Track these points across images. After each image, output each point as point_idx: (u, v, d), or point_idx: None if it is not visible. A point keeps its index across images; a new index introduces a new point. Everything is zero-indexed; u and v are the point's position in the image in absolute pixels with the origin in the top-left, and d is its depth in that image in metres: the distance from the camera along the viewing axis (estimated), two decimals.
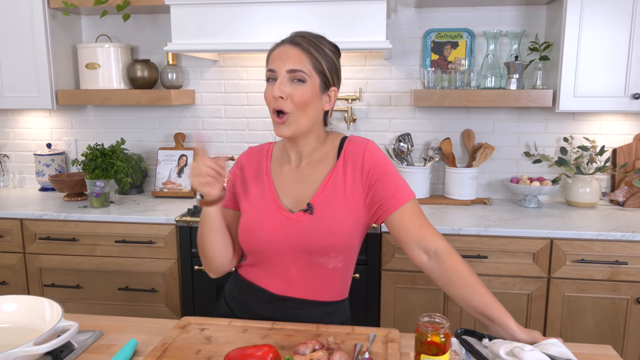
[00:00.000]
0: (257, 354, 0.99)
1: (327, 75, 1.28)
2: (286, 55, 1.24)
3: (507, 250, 2.19)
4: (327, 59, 1.27)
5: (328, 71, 1.28)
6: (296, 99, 1.23)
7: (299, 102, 1.24)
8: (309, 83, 1.25)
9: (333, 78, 1.30)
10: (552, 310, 2.19)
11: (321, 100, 1.29)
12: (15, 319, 1.14)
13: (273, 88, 1.25)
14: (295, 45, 1.25)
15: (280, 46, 1.28)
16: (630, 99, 2.31)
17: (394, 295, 2.29)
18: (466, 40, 2.64)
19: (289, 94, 1.23)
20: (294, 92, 1.23)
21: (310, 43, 1.26)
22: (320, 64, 1.26)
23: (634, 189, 2.55)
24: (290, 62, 1.23)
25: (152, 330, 1.26)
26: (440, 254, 1.25)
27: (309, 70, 1.24)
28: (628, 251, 2.12)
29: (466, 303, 1.21)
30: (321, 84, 1.27)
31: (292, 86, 1.24)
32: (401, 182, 1.30)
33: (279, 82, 1.24)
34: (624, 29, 2.26)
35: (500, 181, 2.77)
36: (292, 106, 1.24)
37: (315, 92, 1.26)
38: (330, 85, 1.30)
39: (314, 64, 1.25)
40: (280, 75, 1.24)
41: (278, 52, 1.27)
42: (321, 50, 1.27)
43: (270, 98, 1.26)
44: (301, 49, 1.25)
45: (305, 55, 1.24)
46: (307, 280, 1.31)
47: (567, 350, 1.09)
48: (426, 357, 0.95)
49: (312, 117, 1.28)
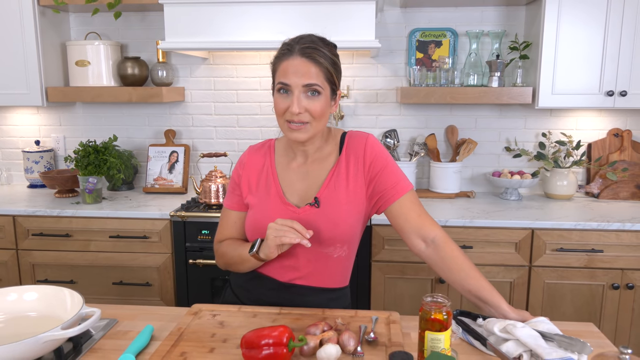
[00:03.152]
0: (273, 334, 1.06)
1: (335, 82, 1.33)
2: (302, 71, 1.26)
3: (491, 240, 2.30)
4: (333, 65, 1.31)
5: (335, 77, 1.32)
6: (314, 111, 1.28)
7: (317, 114, 1.29)
8: (322, 94, 1.29)
9: (339, 82, 1.35)
10: (534, 296, 2.31)
11: (330, 105, 1.35)
12: (37, 308, 1.19)
13: (287, 101, 1.28)
14: (308, 58, 1.27)
15: (290, 57, 1.28)
16: (605, 96, 2.43)
17: (383, 285, 2.37)
18: (449, 40, 2.74)
19: (306, 107, 1.28)
20: (311, 105, 1.28)
21: (320, 54, 1.28)
22: (330, 74, 1.30)
23: (608, 181, 2.69)
24: (306, 77, 1.26)
25: (164, 318, 1.32)
26: (437, 242, 1.33)
27: (322, 81, 1.28)
28: (603, 240, 2.25)
29: (461, 287, 1.30)
30: (331, 91, 1.33)
31: (308, 100, 1.28)
32: (400, 174, 1.39)
33: (297, 98, 1.27)
34: (599, 29, 2.39)
35: (483, 175, 2.88)
36: (309, 117, 1.29)
37: (328, 100, 1.32)
38: (337, 89, 1.35)
39: (325, 74, 1.29)
40: (297, 90, 1.27)
41: (291, 66, 1.28)
42: (328, 59, 1.29)
43: (282, 109, 1.30)
44: (314, 63, 1.27)
45: (319, 68, 1.27)
46: (313, 269, 1.38)
47: (554, 327, 1.19)
48: (430, 333, 1.03)
49: (325, 122, 1.35)
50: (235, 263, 1.40)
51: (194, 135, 2.98)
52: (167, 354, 1.10)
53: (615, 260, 2.25)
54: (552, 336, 1.14)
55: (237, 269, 1.43)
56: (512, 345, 1.12)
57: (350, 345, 1.11)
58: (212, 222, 2.38)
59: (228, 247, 1.43)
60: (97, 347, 1.17)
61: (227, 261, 1.44)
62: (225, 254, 1.43)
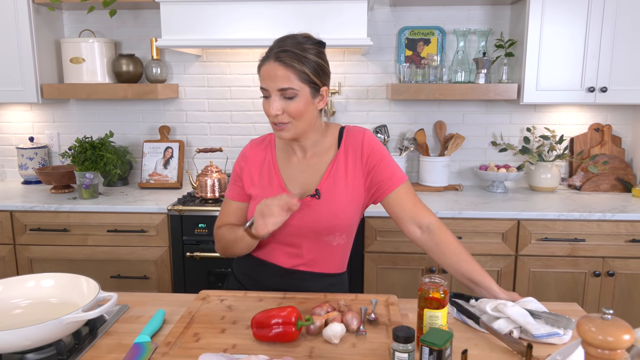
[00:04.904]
0: (282, 314, 1.13)
1: (315, 81, 1.35)
2: (274, 75, 1.31)
3: (479, 231, 2.39)
4: (312, 65, 1.33)
5: (315, 77, 1.34)
6: (292, 112, 1.34)
7: (294, 114, 1.34)
8: (300, 95, 1.33)
9: (322, 80, 1.37)
10: (520, 284, 2.41)
11: (314, 103, 1.39)
12: (56, 294, 1.24)
13: (268, 104, 1.35)
14: (280, 63, 1.31)
15: (267, 62, 1.33)
16: (586, 92, 2.54)
17: (376, 275, 2.46)
18: (438, 38, 2.83)
19: (284, 109, 1.34)
20: (288, 107, 1.33)
21: (294, 56, 1.31)
22: (307, 74, 1.32)
23: (589, 174, 2.81)
24: (279, 81, 1.31)
25: (173, 303, 1.38)
26: (432, 228, 1.41)
27: (298, 84, 1.32)
28: (586, 229, 2.36)
29: (455, 270, 1.39)
30: (311, 90, 1.36)
31: (285, 102, 1.34)
32: (395, 166, 1.47)
33: (273, 101, 1.33)
34: (580, 28, 2.49)
35: (470, 169, 2.98)
36: (289, 117, 1.35)
37: (307, 100, 1.36)
38: (320, 87, 1.38)
39: (300, 76, 1.32)
40: (273, 94, 1.33)
41: (266, 70, 1.33)
42: (305, 60, 1.32)
43: (266, 111, 1.36)
44: (286, 66, 1.31)
45: (291, 71, 1.31)
46: (314, 256, 1.46)
47: (541, 306, 1.28)
48: (429, 310, 1.11)
49: (309, 120, 1.39)
50: (231, 244, 1.46)
51: (187, 131, 3.03)
52: (181, 335, 1.17)
53: (597, 249, 2.36)
54: (540, 314, 1.23)
55: (234, 252, 1.48)
56: (503, 322, 1.21)
57: (353, 324, 1.19)
58: (208, 216, 2.44)
59: (225, 231, 1.49)
60: (112, 331, 1.23)
61: (224, 244, 1.49)
62: (223, 237, 1.49)
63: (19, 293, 1.24)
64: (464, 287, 1.43)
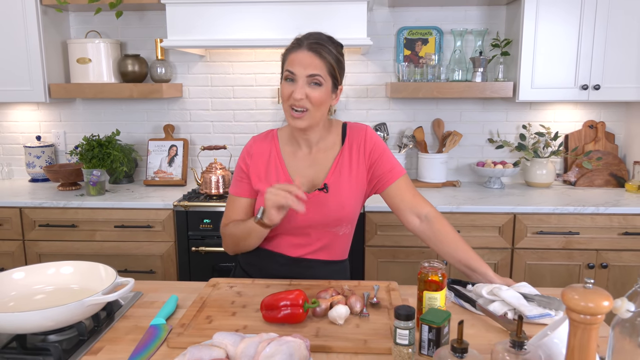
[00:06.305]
0: (290, 297, 1.20)
1: (337, 77, 1.47)
2: (307, 63, 1.41)
3: (477, 225, 2.46)
4: (337, 61, 1.45)
5: (338, 73, 1.47)
6: (314, 100, 1.42)
7: (316, 102, 1.43)
8: (324, 86, 1.44)
9: (341, 77, 1.50)
10: (516, 277, 2.48)
11: (331, 97, 1.49)
12: (77, 280, 1.31)
13: (292, 88, 1.43)
14: (314, 52, 1.41)
15: (298, 50, 1.43)
16: (580, 89, 2.62)
17: (376, 269, 2.53)
18: (435, 37, 2.90)
19: (307, 94, 1.42)
20: (312, 93, 1.42)
21: (325, 50, 1.42)
22: (333, 68, 1.44)
23: (583, 170, 2.88)
24: (311, 68, 1.41)
25: (184, 290, 1.45)
26: (430, 218, 1.49)
27: (324, 74, 1.43)
28: (580, 223, 2.43)
29: (452, 257, 1.46)
30: (332, 85, 1.47)
31: (310, 88, 1.42)
32: (395, 160, 1.55)
33: (300, 86, 1.42)
34: (574, 27, 2.57)
35: (467, 165, 3.05)
36: (310, 104, 1.43)
37: (328, 92, 1.46)
38: (338, 84, 1.50)
39: (328, 68, 1.43)
40: (300, 79, 1.42)
41: (298, 57, 1.42)
42: (332, 55, 1.44)
43: (287, 95, 1.44)
44: (319, 56, 1.42)
45: (323, 62, 1.42)
46: (320, 245, 1.54)
47: (534, 290, 1.35)
48: (428, 292, 1.18)
49: (323, 111, 1.49)
50: (243, 238, 1.50)
51: (191, 129, 3.10)
52: (194, 318, 1.24)
53: (591, 242, 2.44)
54: (533, 297, 1.30)
55: (246, 246, 1.53)
56: (498, 305, 1.28)
57: (357, 307, 1.26)
58: (213, 212, 2.50)
59: (234, 226, 1.53)
60: (128, 315, 1.30)
61: (234, 240, 1.54)
62: (233, 233, 1.53)
63: (41, 279, 1.30)
64: (462, 275, 1.50)
